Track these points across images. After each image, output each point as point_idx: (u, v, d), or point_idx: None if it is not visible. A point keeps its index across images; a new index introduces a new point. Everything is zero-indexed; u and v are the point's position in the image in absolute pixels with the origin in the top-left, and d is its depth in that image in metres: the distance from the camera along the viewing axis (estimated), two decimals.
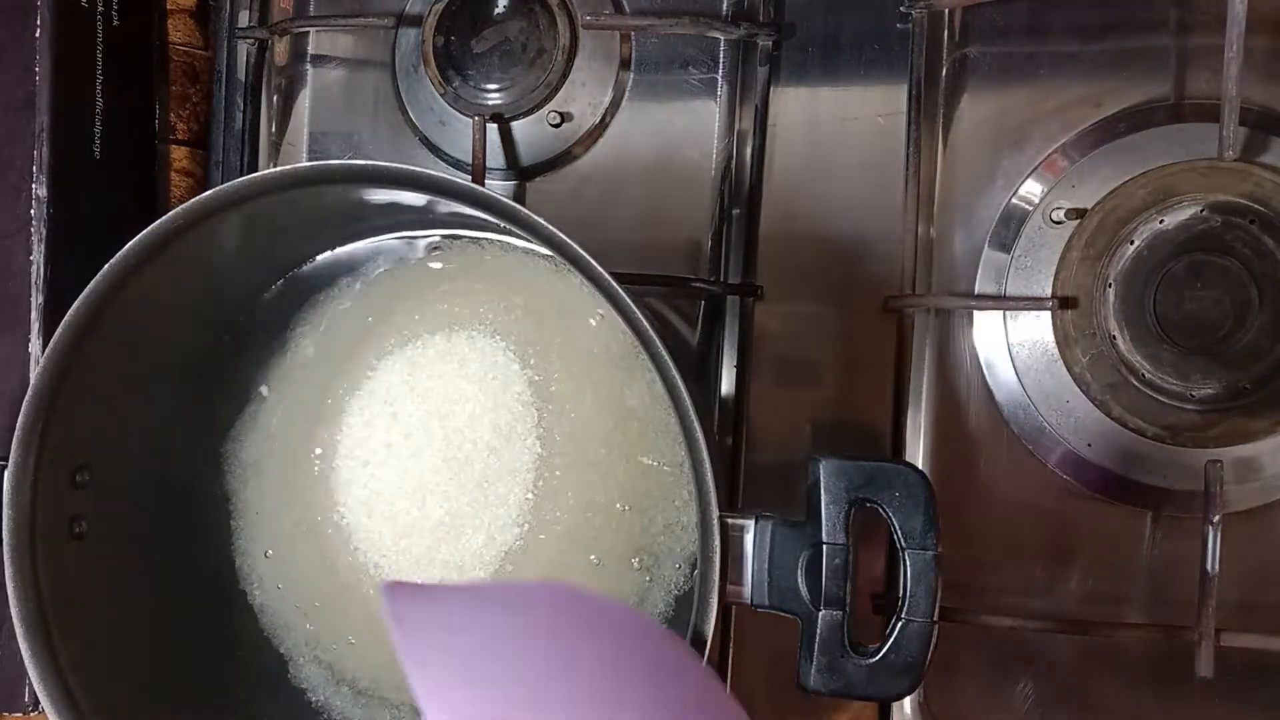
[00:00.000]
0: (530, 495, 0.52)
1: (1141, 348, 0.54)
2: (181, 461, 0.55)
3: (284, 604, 0.57)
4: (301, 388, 0.57)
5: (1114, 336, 0.54)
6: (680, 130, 0.60)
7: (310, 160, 0.64)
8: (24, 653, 0.45)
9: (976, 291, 0.57)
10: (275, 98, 0.66)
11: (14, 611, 0.45)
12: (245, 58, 0.65)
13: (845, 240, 0.58)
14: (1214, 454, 0.52)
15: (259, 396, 0.57)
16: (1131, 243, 0.54)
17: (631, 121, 0.60)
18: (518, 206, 0.43)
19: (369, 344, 0.56)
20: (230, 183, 0.45)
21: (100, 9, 0.61)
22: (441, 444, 0.53)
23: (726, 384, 0.58)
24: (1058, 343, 0.55)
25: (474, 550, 0.53)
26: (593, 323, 0.54)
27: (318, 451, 0.56)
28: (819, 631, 0.41)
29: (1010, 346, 0.56)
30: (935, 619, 0.40)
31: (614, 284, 0.42)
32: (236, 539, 0.57)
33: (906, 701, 0.56)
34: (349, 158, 0.63)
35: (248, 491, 0.57)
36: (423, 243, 0.57)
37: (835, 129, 0.58)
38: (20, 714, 0.57)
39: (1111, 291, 0.54)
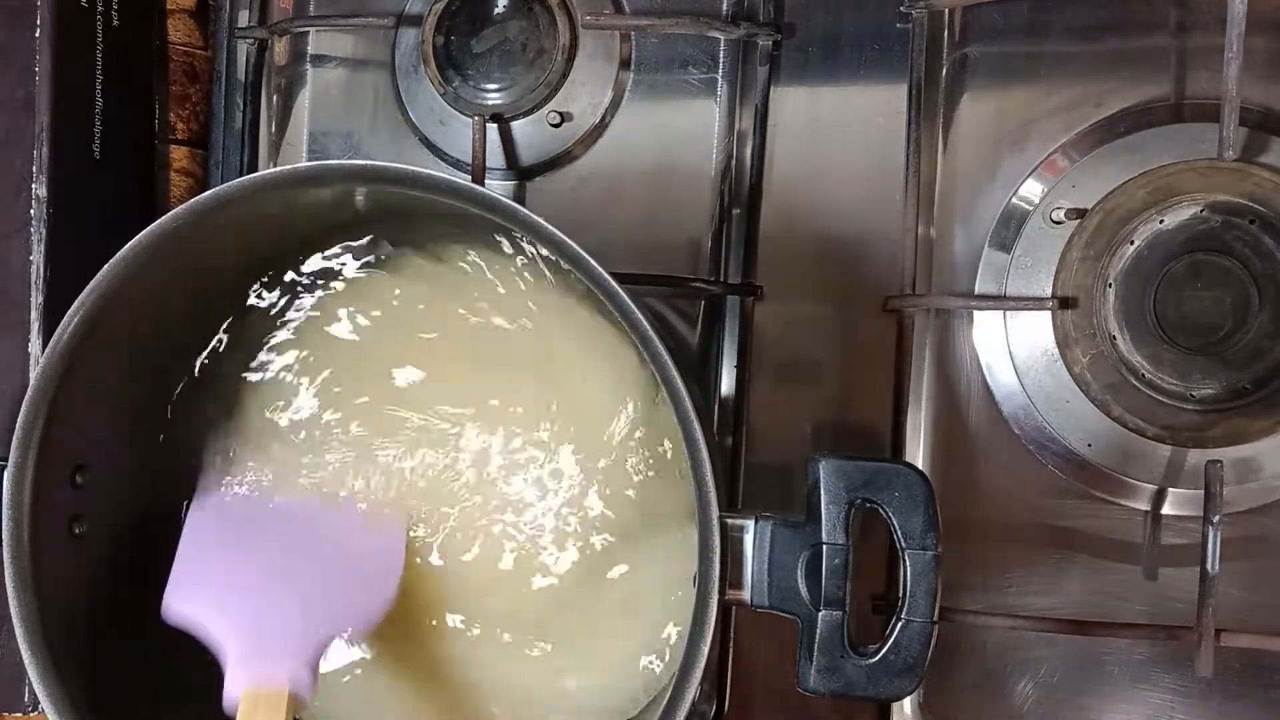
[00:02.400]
0: None
1: (1141, 348, 0.54)
2: (182, 461, 0.55)
3: None
4: None
5: (1114, 336, 0.54)
6: (680, 130, 0.60)
7: (310, 160, 0.64)
8: (24, 653, 0.45)
9: (976, 291, 0.57)
10: (275, 97, 0.65)
11: (14, 611, 0.45)
12: (245, 57, 0.65)
13: (845, 240, 0.58)
14: (1214, 454, 0.52)
15: None
16: (1131, 243, 0.54)
17: (631, 121, 0.60)
18: (518, 206, 0.43)
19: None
20: (230, 183, 0.45)
21: (100, 9, 0.61)
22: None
23: (726, 384, 0.58)
24: (1058, 343, 0.55)
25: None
26: None
27: None
28: (819, 632, 0.41)
29: (1010, 346, 0.56)
30: (935, 619, 0.40)
31: (614, 284, 0.42)
32: None
33: (906, 702, 0.56)
34: (349, 158, 0.63)
35: None
36: None
37: (835, 129, 0.58)
38: (20, 714, 0.57)
39: (1111, 291, 0.54)
